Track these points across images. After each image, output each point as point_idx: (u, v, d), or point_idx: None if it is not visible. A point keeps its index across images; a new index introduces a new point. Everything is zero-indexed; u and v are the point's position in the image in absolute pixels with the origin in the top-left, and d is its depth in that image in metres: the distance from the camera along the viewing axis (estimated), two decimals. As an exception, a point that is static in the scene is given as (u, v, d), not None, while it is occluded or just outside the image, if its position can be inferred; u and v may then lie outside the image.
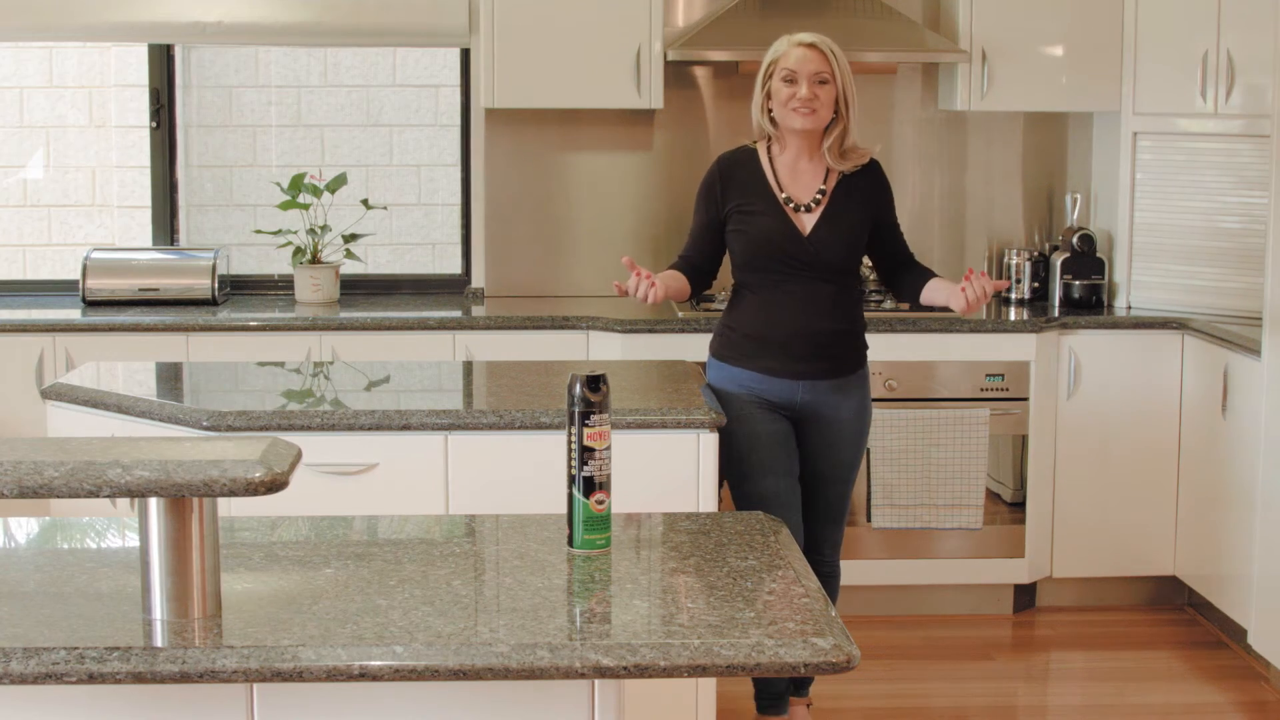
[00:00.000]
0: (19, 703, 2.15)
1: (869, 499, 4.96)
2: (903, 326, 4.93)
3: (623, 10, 5.17)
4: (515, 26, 5.16)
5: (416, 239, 5.96)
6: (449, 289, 5.70)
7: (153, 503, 2.10)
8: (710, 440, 3.50)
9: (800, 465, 3.84)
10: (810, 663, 2.05)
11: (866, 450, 4.14)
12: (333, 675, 2.01)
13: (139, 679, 2.00)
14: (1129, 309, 5.25)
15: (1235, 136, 5.02)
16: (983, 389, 4.99)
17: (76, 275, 5.37)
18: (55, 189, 6.10)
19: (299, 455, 2.18)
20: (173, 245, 5.69)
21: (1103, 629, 5.03)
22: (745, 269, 3.82)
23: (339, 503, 3.31)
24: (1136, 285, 5.29)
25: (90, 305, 5.23)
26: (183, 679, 2.01)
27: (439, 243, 5.95)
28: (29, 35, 5.58)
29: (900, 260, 3.94)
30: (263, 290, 5.62)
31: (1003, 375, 4.99)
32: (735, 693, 4.28)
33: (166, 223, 5.72)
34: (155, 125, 5.68)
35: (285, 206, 5.41)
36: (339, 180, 5.46)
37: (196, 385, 3.95)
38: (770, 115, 3.79)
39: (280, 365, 4.33)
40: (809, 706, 4.08)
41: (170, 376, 4.10)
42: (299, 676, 2.01)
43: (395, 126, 5.93)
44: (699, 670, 2.04)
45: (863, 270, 4.57)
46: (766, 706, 4.01)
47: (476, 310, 5.22)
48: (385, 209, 5.81)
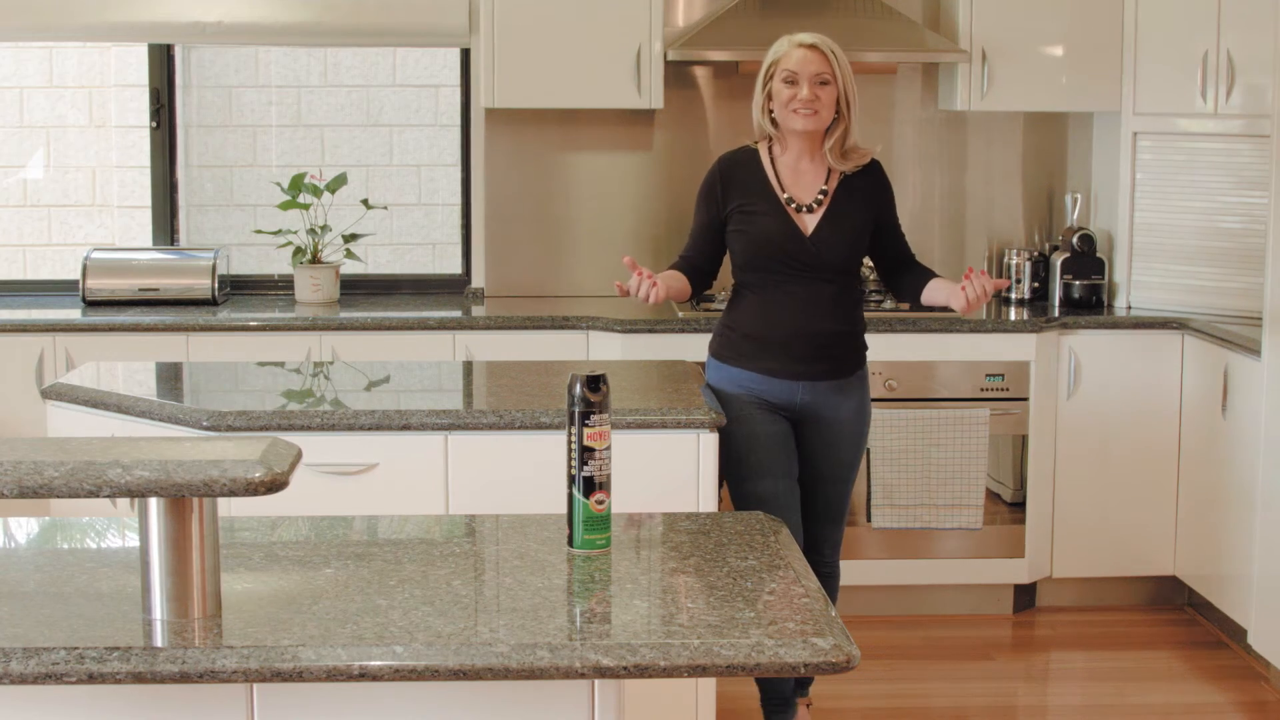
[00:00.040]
0: (19, 703, 2.15)
1: (869, 499, 4.96)
2: (903, 326, 4.93)
3: (623, 10, 5.17)
4: (515, 26, 5.16)
5: (416, 239, 5.96)
6: (449, 289, 5.70)
7: (153, 503, 2.10)
8: (710, 440, 3.50)
9: (800, 466, 3.84)
10: (810, 663, 2.05)
11: (866, 450, 4.14)
12: (333, 675, 2.01)
13: (139, 679, 2.00)
14: (1129, 309, 5.25)
15: (1235, 136, 5.02)
16: (983, 389, 4.99)
17: (76, 275, 5.37)
18: (55, 189, 6.10)
19: (299, 455, 2.18)
20: (173, 245, 5.69)
21: (1103, 629, 5.03)
22: (746, 269, 3.81)
23: (339, 503, 3.31)
24: (1136, 285, 5.29)
25: (90, 305, 5.23)
26: (183, 679, 2.01)
27: (439, 243, 5.95)
28: (29, 35, 5.58)
29: (901, 261, 3.94)
30: (263, 290, 5.62)
31: (1003, 375, 4.99)
32: (735, 693, 4.28)
33: (166, 223, 5.72)
34: (155, 125, 5.68)
35: (285, 206, 5.41)
36: (339, 180, 5.46)
37: (196, 385, 3.95)
38: (771, 116, 3.78)
39: (280, 365, 4.33)
40: (809, 706, 4.08)
41: (170, 376, 4.10)
42: (299, 676, 2.01)
43: (395, 126, 5.93)
44: (699, 670, 2.04)
45: (863, 271, 4.57)
46: (773, 712, 3.99)
47: (476, 310, 5.22)
48: (385, 209, 5.81)
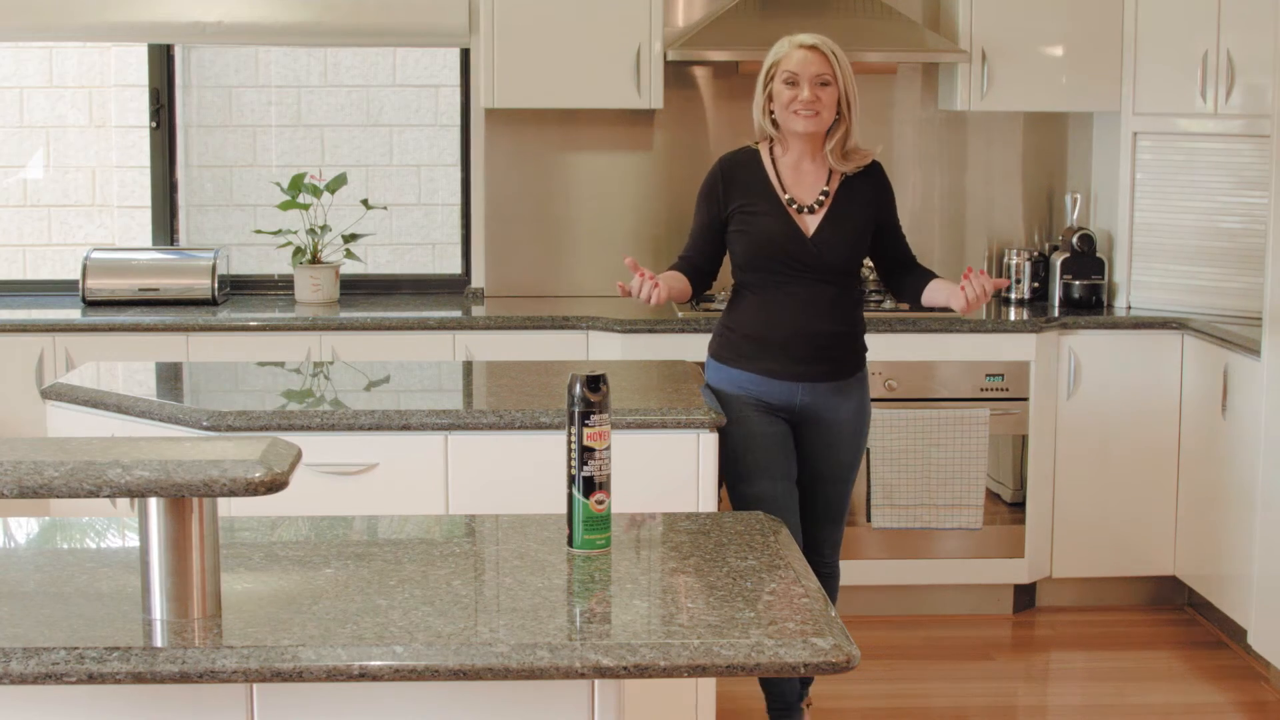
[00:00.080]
0: (19, 703, 2.15)
1: (869, 499, 4.96)
2: (903, 326, 4.93)
3: (623, 10, 5.17)
4: (515, 26, 5.16)
5: (416, 239, 5.96)
6: (449, 289, 5.70)
7: (153, 503, 2.10)
8: (710, 440, 3.50)
9: (799, 466, 3.83)
10: (810, 663, 2.05)
11: (866, 450, 4.13)
12: (333, 675, 2.01)
13: (139, 679, 2.00)
14: (1129, 309, 5.25)
15: (1235, 136, 5.02)
16: (983, 389, 4.99)
17: (76, 275, 5.37)
18: (55, 189, 6.10)
19: (299, 455, 2.18)
20: (173, 245, 5.69)
21: (1103, 629, 5.03)
22: (747, 270, 3.81)
23: (339, 503, 3.31)
24: (1136, 285, 5.29)
25: (90, 305, 5.23)
26: (183, 679, 2.01)
27: (439, 243, 5.95)
28: (29, 35, 5.57)
29: (901, 262, 3.93)
30: (263, 290, 5.62)
31: (1003, 375, 4.99)
32: (735, 693, 4.28)
33: (166, 223, 5.72)
34: (155, 125, 5.68)
35: (285, 206, 5.41)
36: (339, 180, 5.46)
37: (196, 385, 3.95)
38: (772, 117, 3.78)
39: (280, 365, 4.33)
40: (808, 706, 4.08)
41: (170, 376, 4.10)
42: (299, 676, 2.01)
43: (395, 126, 5.93)
44: (699, 670, 2.04)
45: (863, 271, 4.57)
46: (778, 717, 3.98)
47: (476, 310, 5.22)
48: (385, 209, 5.81)
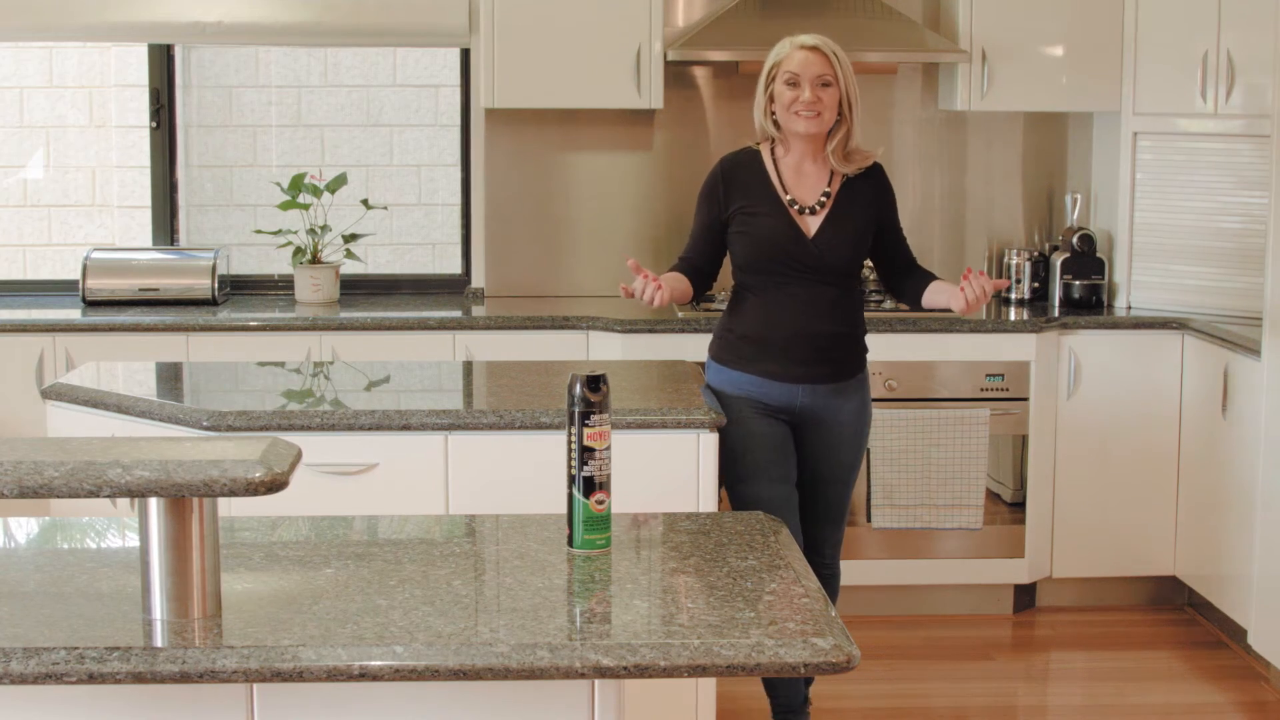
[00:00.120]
0: (19, 703, 2.15)
1: (869, 499, 4.96)
2: (903, 327, 4.93)
3: (623, 10, 5.17)
4: (515, 26, 5.16)
5: (416, 239, 5.96)
6: (449, 289, 5.70)
7: (153, 503, 2.10)
8: (710, 440, 3.50)
9: (800, 468, 3.83)
10: (810, 663, 2.05)
11: (866, 451, 4.13)
12: (333, 675, 2.01)
13: (139, 679, 2.00)
14: (1129, 309, 5.25)
15: (1235, 136, 5.01)
16: (983, 389, 4.99)
17: (76, 275, 5.37)
18: (55, 189, 6.10)
19: (299, 455, 2.18)
20: (173, 245, 5.69)
21: (1103, 629, 5.03)
22: (748, 271, 3.80)
23: (339, 503, 3.31)
24: (1136, 285, 5.29)
25: (90, 305, 5.23)
26: (183, 679, 2.01)
27: (439, 243, 5.95)
28: (29, 35, 5.57)
29: (902, 264, 3.92)
30: (263, 290, 5.62)
31: (1003, 375, 4.99)
32: (735, 693, 4.28)
33: (166, 223, 5.72)
34: (155, 125, 5.68)
35: (285, 206, 5.41)
36: (339, 180, 5.46)
37: (196, 385, 3.95)
38: (773, 118, 3.77)
39: (280, 365, 4.33)
40: (809, 706, 4.07)
41: (170, 376, 4.10)
42: (299, 676, 2.01)
43: (395, 126, 5.93)
44: (699, 670, 2.04)
45: (863, 272, 4.57)
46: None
47: (476, 310, 5.22)
48: (385, 209, 5.81)
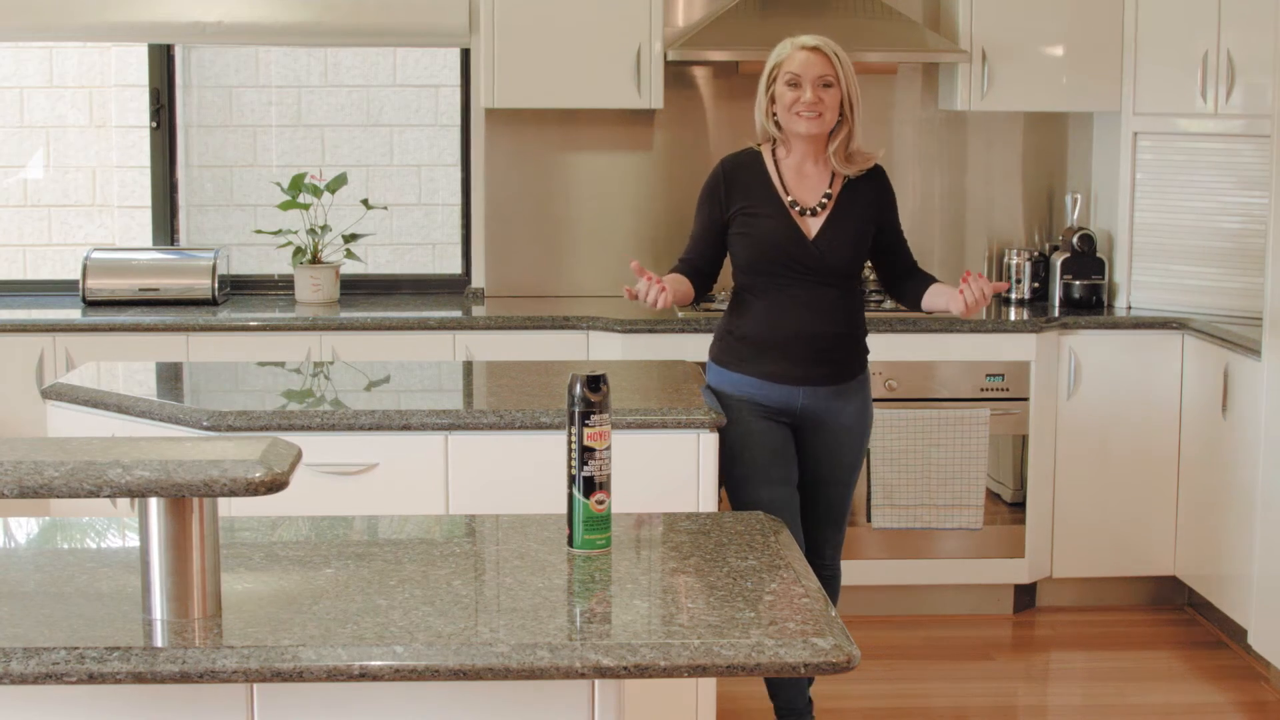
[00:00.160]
0: (19, 703, 2.15)
1: (869, 499, 4.96)
2: (903, 326, 4.93)
3: (623, 10, 5.17)
4: (515, 26, 5.16)
5: (416, 239, 5.96)
6: (449, 289, 5.70)
7: (153, 503, 2.10)
8: (710, 440, 3.50)
9: (801, 470, 3.82)
10: (810, 663, 2.05)
11: (867, 451, 4.13)
12: (333, 675, 2.01)
13: (139, 679, 2.00)
14: (1129, 309, 5.25)
15: (1235, 136, 5.01)
16: (983, 389, 4.99)
17: (76, 275, 5.36)
18: (55, 189, 6.10)
19: (299, 455, 2.18)
20: (173, 245, 5.69)
21: (1103, 629, 5.03)
22: (748, 272, 3.79)
23: (339, 503, 3.31)
24: (1136, 285, 5.29)
25: (90, 305, 5.23)
26: (183, 679, 2.01)
27: (439, 243, 5.95)
28: (29, 35, 5.57)
29: (902, 266, 3.91)
30: (263, 290, 5.62)
31: (1003, 375, 4.99)
32: (735, 693, 4.28)
33: (166, 223, 5.72)
34: (155, 125, 5.68)
35: (285, 206, 5.41)
36: (339, 180, 5.46)
37: (196, 385, 3.95)
38: (774, 119, 3.76)
39: (280, 365, 4.33)
40: (812, 708, 4.07)
41: (170, 376, 4.10)
42: (299, 676, 2.01)
43: (395, 126, 5.93)
44: (699, 670, 2.04)
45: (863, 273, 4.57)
46: None
47: (476, 310, 5.22)
48: (385, 209, 5.81)
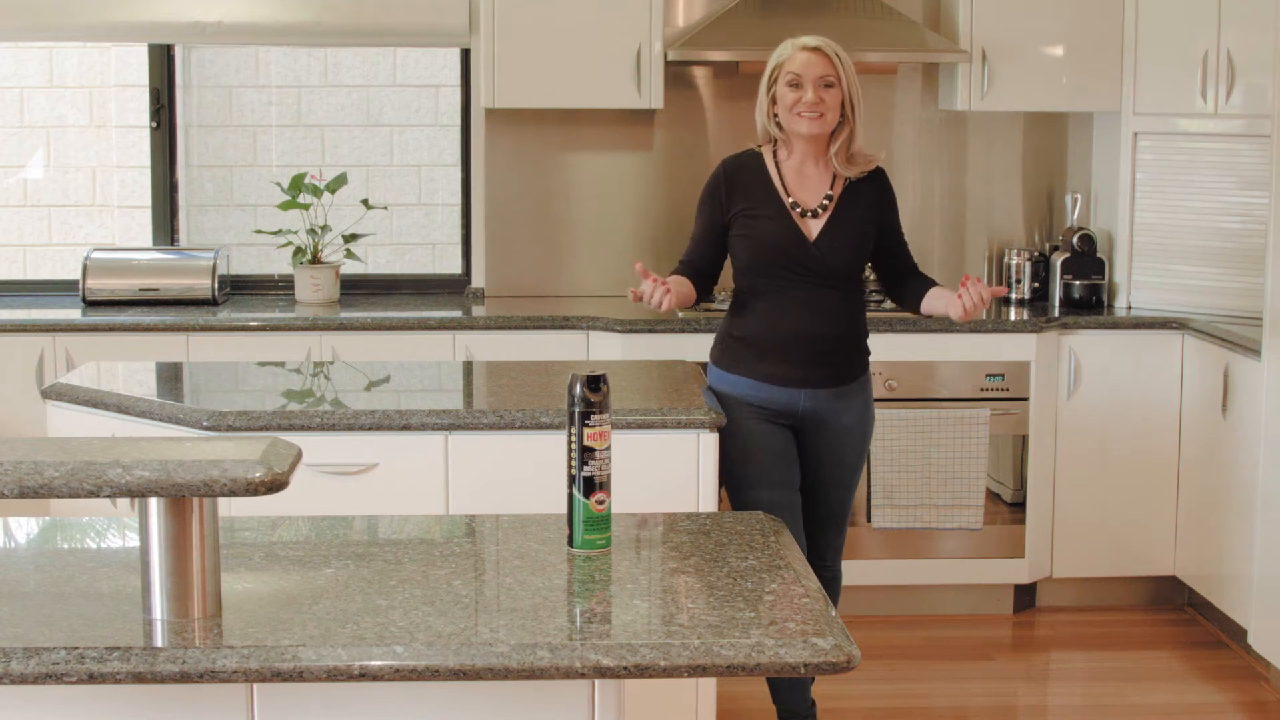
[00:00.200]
0: (19, 703, 2.15)
1: (869, 499, 4.96)
2: (903, 327, 4.93)
3: (623, 10, 5.17)
4: (515, 26, 5.16)
5: (416, 239, 5.96)
6: (449, 289, 5.70)
7: (153, 503, 2.10)
8: (710, 440, 3.50)
9: (802, 472, 3.81)
10: (810, 663, 2.05)
11: (867, 452, 4.12)
12: (333, 675, 2.01)
13: (139, 679, 2.00)
14: (1129, 309, 5.25)
15: (1235, 136, 5.01)
16: (983, 389, 4.99)
17: (77, 275, 5.37)
18: (55, 189, 6.10)
19: (299, 455, 2.18)
20: (173, 245, 5.69)
21: (1103, 629, 5.03)
22: (749, 274, 3.78)
23: (339, 503, 3.31)
24: (1136, 285, 5.29)
25: (90, 305, 5.23)
26: (183, 679, 2.01)
27: (439, 243, 5.95)
28: (29, 35, 5.57)
29: (902, 269, 3.91)
30: (263, 290, 5.62)
31: (1003, 375, 4.99)
32: (736, 693, 4.28)
33: (166, 223, 5.72)
34: (155, 125, 5.68)
35: (285, 206, 5.41)
36: (339, 180, 5.46)
37: (196, 385, 3.95)
38: (775, 120, 3.75)
39: (280, 365, 4.33)
40: (815, 709, 4.07)
41: (170, 376, 4.10)
42: (299, 676, 2.01)
43: (395, 126, 5.93)
44: (699, 670, 2.04)
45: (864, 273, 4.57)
46: None
47: (476, 310, 5.22)
48: (385, 209, 5.81)
